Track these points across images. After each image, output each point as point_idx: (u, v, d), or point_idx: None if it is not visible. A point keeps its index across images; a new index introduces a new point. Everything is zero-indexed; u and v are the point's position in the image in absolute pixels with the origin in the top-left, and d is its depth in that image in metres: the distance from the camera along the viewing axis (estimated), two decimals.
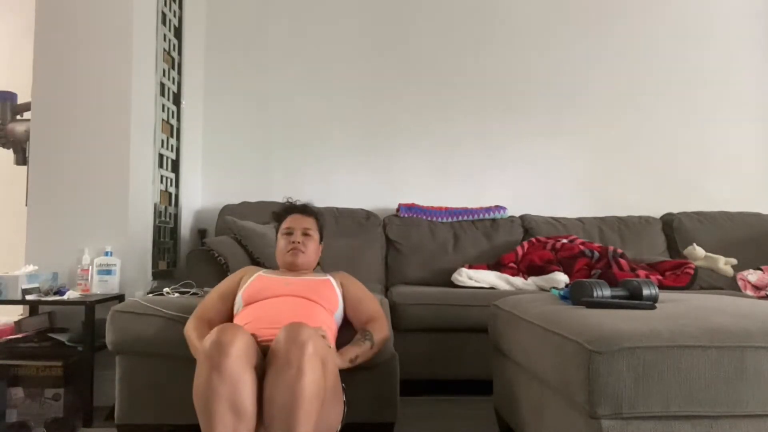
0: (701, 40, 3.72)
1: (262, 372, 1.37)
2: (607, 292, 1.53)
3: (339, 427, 1.55)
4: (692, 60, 3.71)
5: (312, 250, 1.93)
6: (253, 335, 1.47)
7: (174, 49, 3.06)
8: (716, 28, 3.74)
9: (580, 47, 3.66)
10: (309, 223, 1.96)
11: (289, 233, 1.92)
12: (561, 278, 2.74)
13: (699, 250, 3.05)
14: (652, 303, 1.49)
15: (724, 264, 2.95)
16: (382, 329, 1.76)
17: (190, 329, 1.69)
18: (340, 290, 1.84)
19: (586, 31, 3.67)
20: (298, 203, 2.03)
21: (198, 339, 1.60)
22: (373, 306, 1.84)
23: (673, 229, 3.39)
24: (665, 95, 3.68)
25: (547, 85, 3.63)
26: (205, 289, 2.11)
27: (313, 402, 1.31)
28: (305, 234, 1.92)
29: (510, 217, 3.37)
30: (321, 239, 2.02)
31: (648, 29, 3.70)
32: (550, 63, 3.64)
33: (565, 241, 3.08)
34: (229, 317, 1.78)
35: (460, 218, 3.33)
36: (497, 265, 3.03)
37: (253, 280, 1.81)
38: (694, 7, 3.74)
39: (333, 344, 1.65)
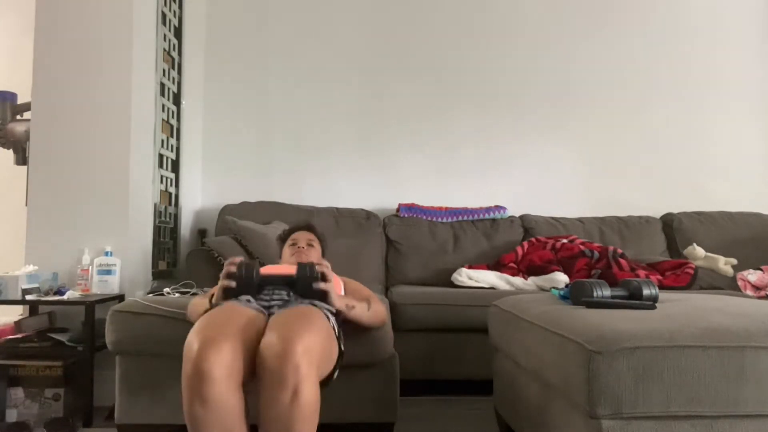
0: (702, 40, 3.72)
1: (251, 362, 1.33)
2: (607, 292, 1.53)
3: (336, 372, 1.53)
4: (693, 60, 3.71)
5: (315, 258, 2.01)
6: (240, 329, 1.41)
7: (174, 49, 3.06)
8: (716, 28, 3.74)
9: (581, 47, 3.66)
10: (312, 237, 2.08)
11: (294, 244, 2.03)
12: (561, 278, 2.74)
13: (699, 250, 3.05)
14: (652, 303, 1.49)
15: (724, 264, 2.95)
16: (378, 304, 1.81)
17: (194, 302, 1.73)
18: (342, 282, 1.89)
19: (587, 30, 3.67)
20: (302, 224, 2.18)
21: (201, 300, 1.66)
22: (369, 291, 1.90)
23: (673, 229, 3.39)
24: (666, 95, 3.68)
25: (548, 84, 3.63)
26: (205, 289, 2.11)
27: (311, 417, 1.28)
28: (309, 244, 2.03)
29: (510, 217, 3.37)
30: (323, 256, 2.10)
31: (649, 29, 3.70)
32: (550, 63, 3.64)
33: (565, 241, 3.08)
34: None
35: (460, 218, 3.33)
36: (497, 265, 3.03)
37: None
38: (694, 7, 3.74)
39: (339, 291, 1.66)
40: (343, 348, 1.56)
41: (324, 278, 1.57)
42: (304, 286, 1.56)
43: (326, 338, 1.42)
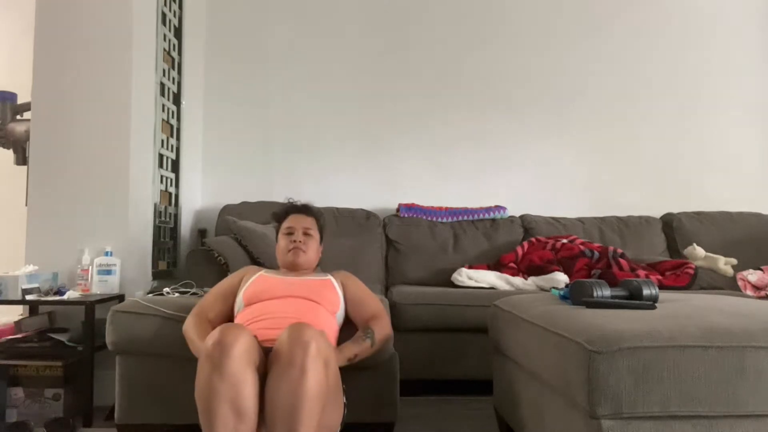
0: (701, 40, 3.73)
1: (264, 372, 1.37)
2: (607, 292, 1.53)
3: (339, 428, 1.55)
4: (692, 60, 3.71)
5: (313, 249, 1.94)
6: (254, 336, 1.47)
7: (174, 49, 3.06)
8: (716, 28, 3.74)
9: (581, 47, 3.66)
10: (309, 222, 1.96)
11: (290, 233, 1.92)
12: (561, 278, 2.74)
13: (699, 250, 3.05)
14: (652, 303, 1.49)
15: (724, 264, 2.95)
16: (383, 328, 1.75)
17: (189, 327, 1.69)
18: (341, 290, 1.84)
19: (586, 31, 3.67)
20: (298, 203, 2.03)
21: (198, 337, 1.60)
22: (374, 304, 1.83)
23: (673, 229, 3.39)
24: (665, 95, 3.68)
25: (547, 85, 3.63)
26: (205, 289, 2.10)
27: (316, 402, 1.30)
28: (306, 234, 1.93)
29: (510, 217, 3.37)
30: (321, 239, 2.02)
31: (648, 29, 3.70)
32: (550, 63, 3.64)
33: (565, 241, 3.08)
34: (229, 317, 1.78)
35: (460, 218, 3.33)
36: (497, 265, 3.03)
37: (255, 280, 1.81)
38: (694, 7, 3.74)
39: (334, 345, 1.65)
40: (345, 400, 1.60)
41: None
42: None
43: (333, 356, 1.46)
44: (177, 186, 3.11)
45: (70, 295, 2.29)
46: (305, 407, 1.28)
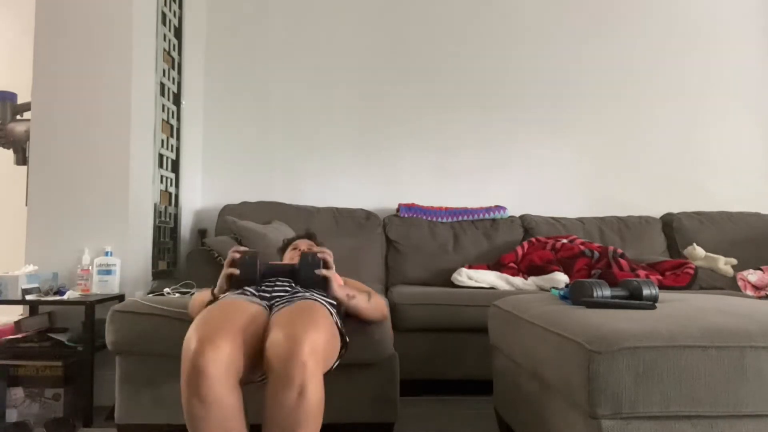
0: (701, 40, 3.73)
1: (250, 370, 1.34)
2: (607, 292, 1.53)
3: (336, 363, 1.52)
4: (692, 60, 3.71)
5: None
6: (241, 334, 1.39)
7: (174, 49, 3.06)
8: (716, 28, 3.74)
9: (581, 47, 3.66)
10: (313, 244, 2.10)
11: (294, 248, 2.04)
12: (561, 278, 2.74)
13: (699, 250, 3.05)
14: (652, 303, 1.48)
15: (724, 264, 2.95)
16: (378, 297, 1.82)
17: (195, 298, 1.74)
18: (341, 281, 1.88)
19: (587, 30, 3.67)
20: (302, 233, 2.22)
21: (202, 294, 1.66)
22: (369, 288, 1.89)
23: (673, 229, 3.39)
24: (666, 95, 3.68)
25: (548, 85, 3.63)
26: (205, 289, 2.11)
27: (317, 416, 1.27)
28: (309, 249, 2.02)
29: (510, 217, 3.37)
30: None
31: (649, 29, 3.70)
32: (550, 63, 3.64)
33: (565, 241, 3.08)
34: None
35: (460, 218, 3.33)
36: (497, 265, 3.03)
37: None
38: (694, 7, 3.74)
39: (339, 281, 1.65)
40: (348, 339, 1.57)
41: (326, 265, 1.58)
42: (307, 273, 1.57)
43: (330, 335, 1.42)
44: (177, 186, 3.11)
45: (70, 295, 2.29)
46: (305, 428, 1.25)
